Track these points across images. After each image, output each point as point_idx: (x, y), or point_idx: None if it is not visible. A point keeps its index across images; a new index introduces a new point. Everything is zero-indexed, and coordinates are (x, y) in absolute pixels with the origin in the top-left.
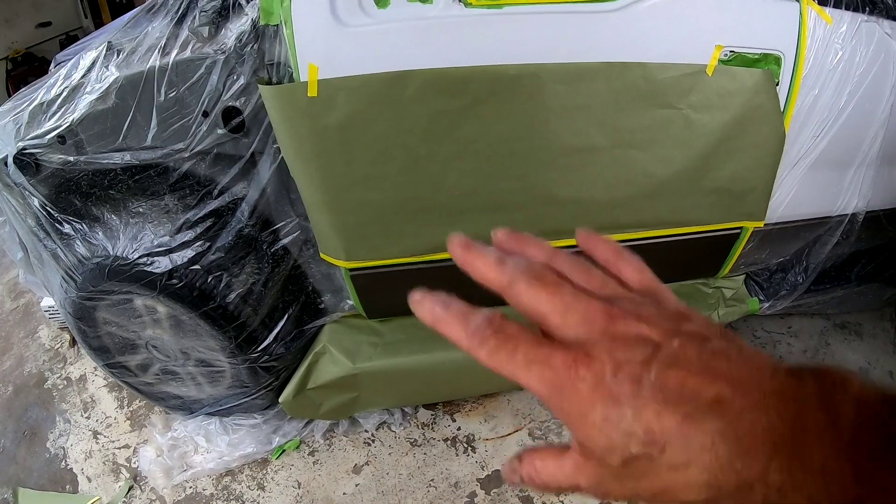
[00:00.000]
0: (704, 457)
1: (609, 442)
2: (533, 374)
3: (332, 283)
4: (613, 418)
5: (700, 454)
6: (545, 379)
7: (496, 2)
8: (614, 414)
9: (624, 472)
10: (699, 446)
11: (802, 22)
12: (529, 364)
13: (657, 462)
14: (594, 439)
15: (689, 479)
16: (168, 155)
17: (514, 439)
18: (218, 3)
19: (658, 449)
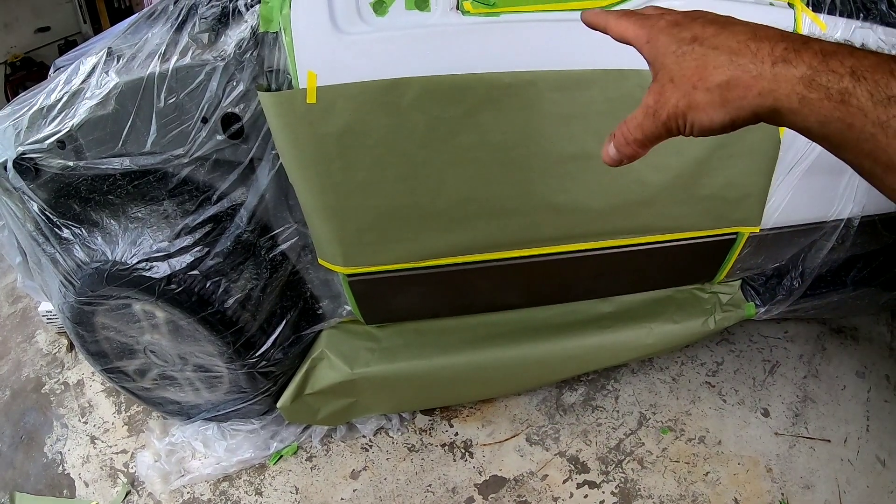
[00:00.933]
0: (730, 41)
1: (670, 40)
2: (640, 29)
3: (331, 288)
4: (675, 31)
5: (727, 40)
6: (640, 35)
7: (493, 10)
8: (675, 29)
9: (677, 68)
10: (726, 38)
11: (797, 28)
12: (640, 25)
13: (702, 44)
14: (662, 42)
15: (718, 55)
16: (167, 160)
17: (512, 444)
18: (218, 10)
19: (699, 40)
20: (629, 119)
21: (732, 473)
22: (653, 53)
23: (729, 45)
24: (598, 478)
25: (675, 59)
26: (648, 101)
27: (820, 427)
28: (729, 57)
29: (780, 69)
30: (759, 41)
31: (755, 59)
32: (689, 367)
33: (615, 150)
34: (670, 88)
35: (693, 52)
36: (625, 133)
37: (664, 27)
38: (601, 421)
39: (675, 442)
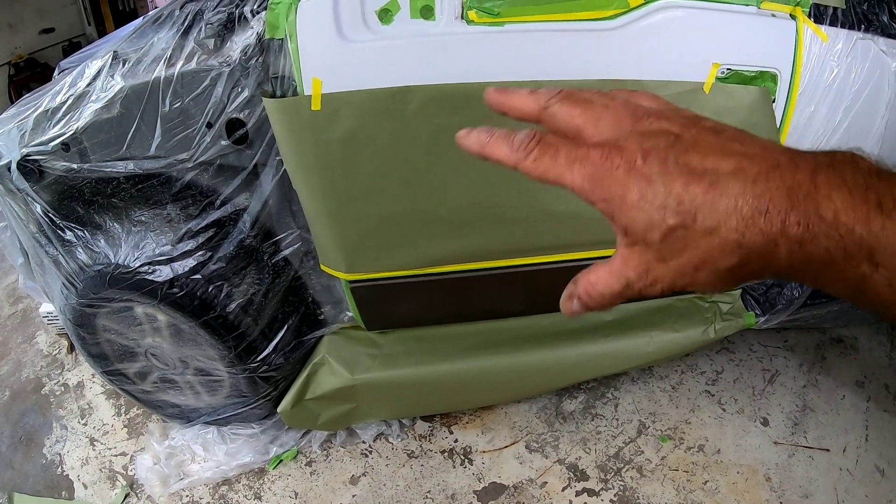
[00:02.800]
0: (731, 219)
1: (648, 218)
2: (575, 171)
3: (332, 294)
4: (648, 196)
5: (727, 217)
6: (586, 174)
7: (497, 20)
8: (649, 192)
9: (665, 249)
10: (725, 209)
11: (798, 40)
12: (571, 164)
13: (692, 230)
14: (635, 219)
15: (722, 241)
16: (171, 165)
17: (511, 452)
18: (224, 16)
19: (690, 217)
20: (596, 280)
21: (731, 482)
22: (620, 218)
23: (731, 224)
24: (598, 486)
25: (660, 238)
26: (628, 273)
27: (819, 436)
28: (738, 240)
29: (795, 248)
30: (763, 209)
31: (768, 234)
32: (688, 376)
33: (580, 306)
34: (661, 269)
35: (686, 236)
36: (592, 294)
37: (623, 176)
38: (601, 429)
39: (674, 450)
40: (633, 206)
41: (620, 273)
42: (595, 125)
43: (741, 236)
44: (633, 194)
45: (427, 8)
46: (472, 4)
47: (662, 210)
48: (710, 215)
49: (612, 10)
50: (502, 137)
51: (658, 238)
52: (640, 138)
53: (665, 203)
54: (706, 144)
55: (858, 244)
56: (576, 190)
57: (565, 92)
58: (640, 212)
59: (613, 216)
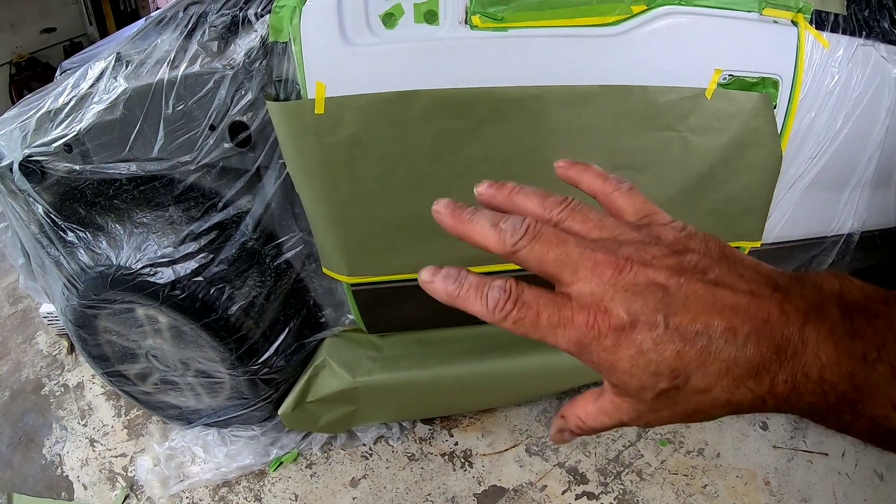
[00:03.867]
0: (722, 381)
1: (640, 383)
2: (559, 336)
3: (334, 297)
4: (640, 364)
5: (718, 379)
6: (572, 339)
7: (501, 25)
8: (640, 361)
9: (658, 404)
10: (716, 373)
11: (800, 46)
12: (554, 328)
13: (684, 390)
14: (626, 384)
15: (713, 399)
16: (174, 167)
17: (511, 455)
18: (227, 18)
19: (683, 380)
20: (586, 417)
21: (730, 486)
22: (611, 378)
23: (723, 385)
24: (597, 489)
25: (653, 398)
26: (620, 417)
27: (818, 440)
28: (728, 398)
29: (781, 403)
30: (753, 372)
31: (757, 393)
32: None
33: (571, 436)
34: (653, 416)
35: (678, 395)
36: (583, 429)
37: (612, 345)
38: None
39: (673, 454)
40: (625, 372)
41: (614, 414)
42: (573, 272)
43: (731, 395)
44: (624, 363)
45: (431, 13)
46: (476, 9)
47: (655, 377)
48: (702, 378)
49: (615, 17)
50: (474, 292)
51: (650, 398)
52: (624, 296)
53: (658, 370)
54: (695, 299)
55: (842, 398)
56: (562, 349)
57: (534, 229)
58: (632, 378)
59: (603, 375)
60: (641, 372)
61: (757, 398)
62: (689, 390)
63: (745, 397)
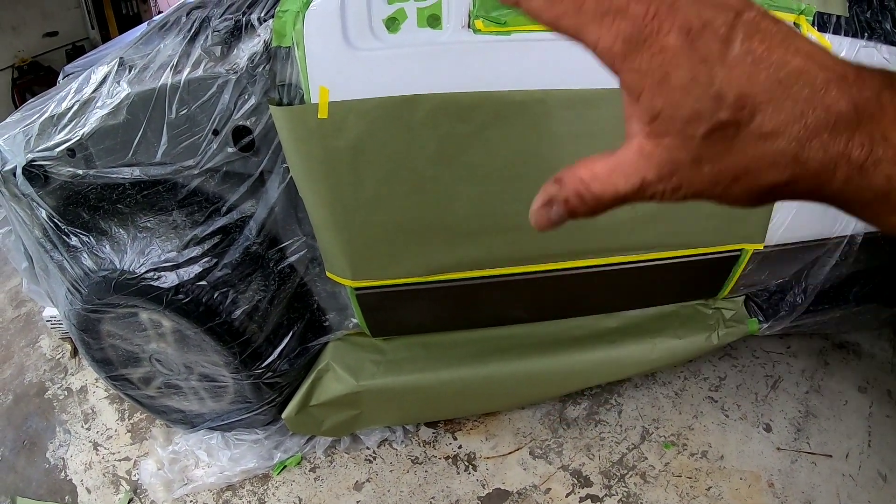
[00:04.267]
0: (794, 127)
1: (696, 106)
2: (605, 26)
3: (338, 301)
4: (703, 78)
5: (790, 123)
6: (621, 32)
7: (504, 28)
8: (704, 73)
9: (705, 150)
10: (789, 114)
11: None
12: (602, 14)
13: (744, 132)
14: (678, 104)
15: (777, 150)
16: (177, 171)
17: (515, 458)
18: (231, 23)
19: (748, 114)
20: (591, 178)
21: (734, 488)
22: (653, 100)
23: (793, 133)
24: (601, 492)
25: (704, 134)
26: (646, 172)
27: (822, 442)
28: (795, 153)
29: (853, 174)
30: (829, 123)
31: (830, 153)
32: (691, 382)
33: (561, 213)
34: (691, 172)
35: (735, 136)
36: (584, 196)
37: (673, 47)
38: (604, 435)
39: (677, 456)
40: (679, 88)
41: (634, 170)
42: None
43: (800, 149)
44: (683, 73)
45: (434, 17)
46: (479, 13)
47: (717, 101)
48: (771, 117)
49: None
50: None
51: (702, 133)
52: (695, 4)
53: (721, 92)
54: (769, 32)
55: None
56: (598, 51)
57: None
58: (689, 96)
59: (641, 94)
60: (702, 90)
61: (828, 160)
62: (751, 131)
63: (815, 156)
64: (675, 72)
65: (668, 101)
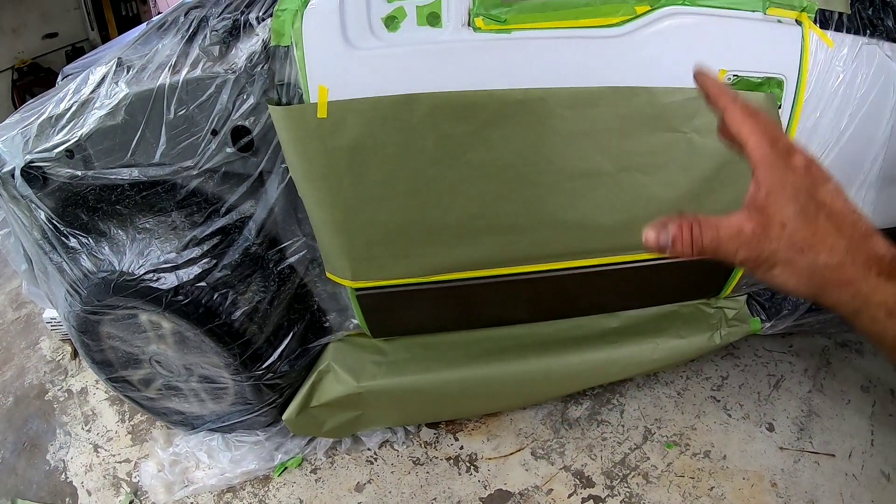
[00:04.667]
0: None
1: (807, 197)
2: (753, 130)
3: (338, 302)
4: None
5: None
6: (766, 137)
7: (505, 27)
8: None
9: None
10: (859, 235)
11: (804, 45)
12: (764, 135)
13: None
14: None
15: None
16: (176, 172)
17: (517, 459)
18: (229, 22)
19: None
20: (706, 223)
21: (737, 488)
22: (773, 183)
23: (851, 237)
24: (604, 492)
25: (798, 210)
26: (745, 228)
27: (825, 441)
28: (848, 247)
29: (881, 282)
30: (874, 248)
31: (867, 262)
32: (694, 382)
33: (668, 241)
34: (778, 233)
35: (819, 219)
36: (695, 236)
37: (799, 167)
38: (606, 435)
39: (680, 456)
40: (795, 172)
41: (737, 222)
42: (772, 138)
43: (851, 247)
44: (796, 173)
45: (434, 15)
46: (479, 11)
47: (811, 193)
48: (841, 221)
49: (619, 17)
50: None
51: (801, 202)
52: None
53: (812, 194)
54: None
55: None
56: (750, 145)
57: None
58: (797, 179)
59: (764, 174)
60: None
61: (868, 263)
62: (833, 216)
63: (860, 252)
64: (793, 169)
65: (783, 173)
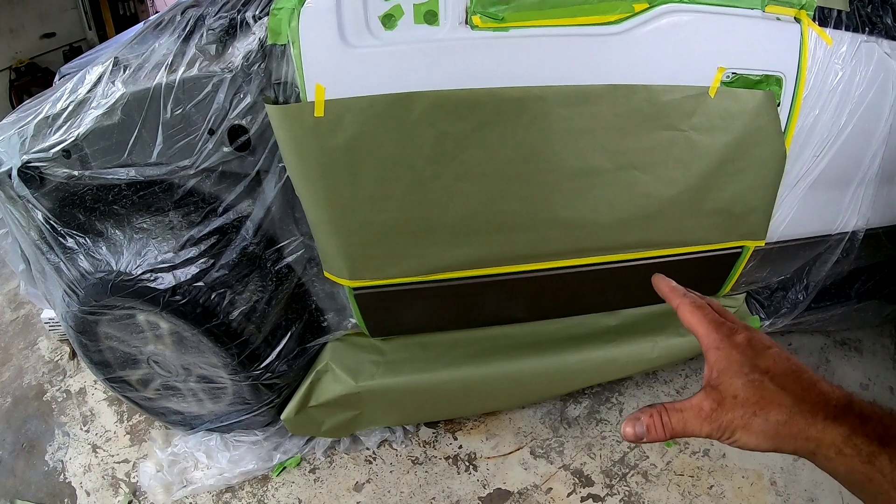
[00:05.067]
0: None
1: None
2: (700, 321)
3: (336, 301)
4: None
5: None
6: (713, 326)
7: (502, 25)
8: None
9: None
10: (801, 389)
11: (803, 43)
12: (710, 323)
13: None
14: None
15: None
16: (173, 172)
17: (516, 458)
18: (225, 21)
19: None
20: (672, 409)
21: (737, 487)
22: (721, 363)
23: (794, 392)
24: (603, 491)
25: (745, 381)
26: (704, 406)
27: None
28: (793, 401)
29: (828, 425)
30: (817, 396)
31: (813, 410)
32: (693, 380)
33: (643, 431)
34: (731, 405)
35: (764, 384)
36: (665, 422)
37: (740, 344)
38: (605, 434)
39: (679, 455)
40: (740, 350)
41: (697, 404)
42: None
43: (798, 402)
44: (740, 350)
45: (431, 13)
46: (477, 9)
47: (755, 364)
48: (784, 381)
49: (617, 15)
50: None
51: (747, 374)
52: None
53: (757, 364)
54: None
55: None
56: (698, 334)
57: (697, 301)
58: (742, 356)
59: (715, 358)
60: (746, 346)
61: (813, 411)
62: (776, 378)
63: (806, 402)
64: (738, 347)
65: (730, 353)
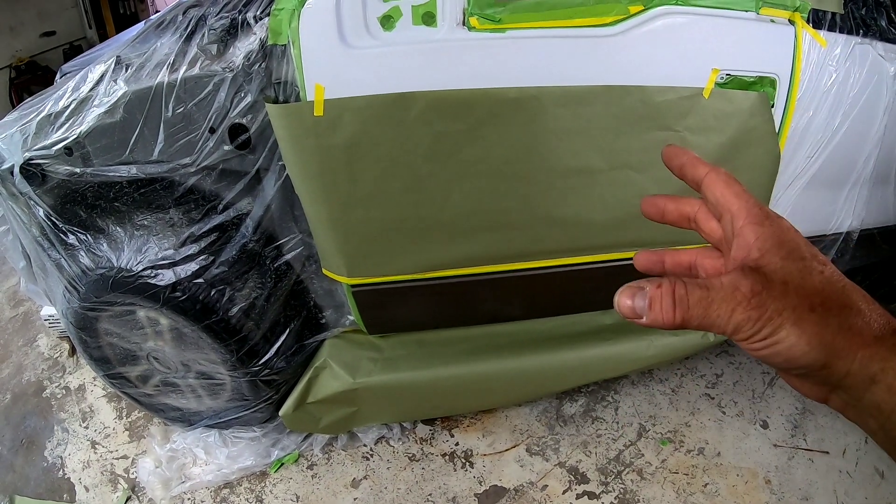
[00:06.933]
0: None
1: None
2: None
3: (334, 298)
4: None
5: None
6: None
7: (499, 26)
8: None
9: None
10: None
11: (797, 45)
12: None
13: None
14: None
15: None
16: (174, 169)
17: (512, 455)
18: (227, 21)
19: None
20: (693, 284)
21: (731, 485)
22: (767, 241)
23: (861, 297)
24: (598, 489)
25: (801, 267)
26: (742, 286)
27: (819, 439)
28: (865, 306)
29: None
30: (881, 310)
31: (884, 323)
32: (688, 379)
33: (644, 305)
34: (782, 291)
35: (826, 276)
36: (678, 297)
37: (790, 228)
38: (601, 432)
39: (674, 453)
40: (792, 233)
41: (729, 283)
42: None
43: (866, 306)
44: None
45: (429, 14)
46: (474, 11)
47: (812, 252)
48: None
49: (613, 17)
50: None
51: (802, 258)
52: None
53: (814, 253)
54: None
55: None
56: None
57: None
58: (795, 239)
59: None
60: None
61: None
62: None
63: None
64: (788, 230)
65: (779, 230)
